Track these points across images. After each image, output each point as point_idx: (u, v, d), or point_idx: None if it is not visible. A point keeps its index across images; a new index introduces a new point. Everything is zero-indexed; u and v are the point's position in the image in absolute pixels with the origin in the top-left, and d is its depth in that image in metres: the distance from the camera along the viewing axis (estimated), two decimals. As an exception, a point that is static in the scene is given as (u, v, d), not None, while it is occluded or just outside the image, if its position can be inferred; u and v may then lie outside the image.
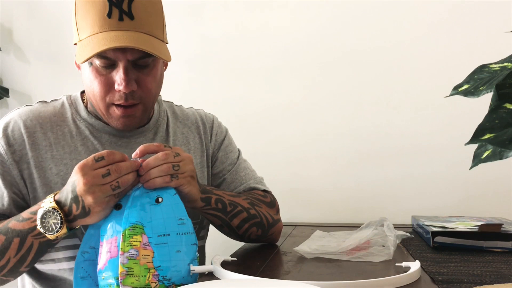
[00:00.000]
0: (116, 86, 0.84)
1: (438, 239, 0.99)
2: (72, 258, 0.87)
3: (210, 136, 1.07)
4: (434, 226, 1.05)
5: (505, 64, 0.55)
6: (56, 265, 0.89)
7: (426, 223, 1.09)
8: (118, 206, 0.73)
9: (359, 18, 1.53)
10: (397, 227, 1.04)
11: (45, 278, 0.91)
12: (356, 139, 1.54)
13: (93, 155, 0.72)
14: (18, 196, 0.88)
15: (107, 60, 0.83)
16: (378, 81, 1.52)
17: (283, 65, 1.58)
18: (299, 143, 1.57)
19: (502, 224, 1.00)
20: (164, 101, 1.07)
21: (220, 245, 1.45)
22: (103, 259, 0.71)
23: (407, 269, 0.79)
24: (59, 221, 0.73)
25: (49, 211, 0.73)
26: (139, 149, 0.76)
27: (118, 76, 0.83)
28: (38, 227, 0.73)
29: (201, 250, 1.06)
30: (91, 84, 0.86)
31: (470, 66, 0.63)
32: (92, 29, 0.81)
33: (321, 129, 1.56)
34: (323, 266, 0.85)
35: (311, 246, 0.94)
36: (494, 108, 0.48)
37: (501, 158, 0.49)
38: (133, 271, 0.66)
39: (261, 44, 1.59)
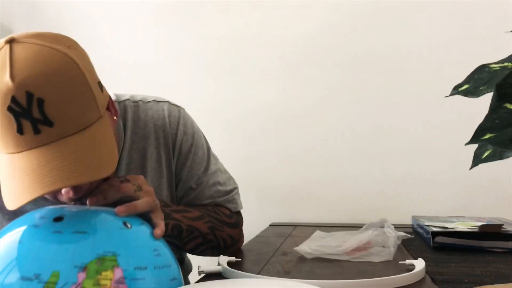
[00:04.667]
0: (63, 192, 0.64)
1: (438, 239, 0.99)
2: None
3: (173, 149, 0.89)
4: (434, 226, 1.05)
5: (505, 64, 0.55)
6: None
7: (426, 223, 1.09)
8: (57, 219, 0.56)
9: (359, 18, 1.53)
10: (397, 227, 1.04)
11: None
12: (356, 139, 1.53)
13: None
14: None
15: None
16: (378, 81, 1.52)
17: (283, 66, 1.58)
18: (299, 143, 1.57)
19: (502, 225, 1.00)
20: (119, 102, 0.87)
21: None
22: None
23: (410, 267, 0.79)
24: None
25: None
26: (91, 201, 0.63)
27: None
28: None
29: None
30: None
31: (470, 66, 0.63)
32: (6, 149, 0.60)
33: (321, 129, 1.56)
34: (323, 266, 0.85)
35: (311, 246, 0.94)
36: (494, 108, 0.48)
37: (501, 158, 0.49)
38: None
39: (261, 44, 1.59)
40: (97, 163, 0.59)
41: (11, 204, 0.56)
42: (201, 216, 0.87)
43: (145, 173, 0.86)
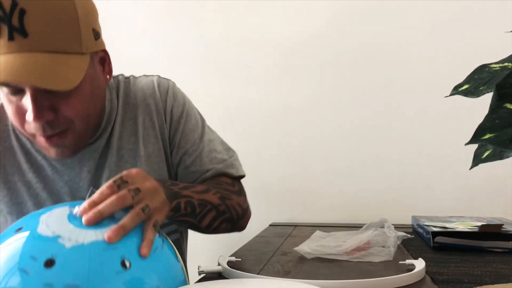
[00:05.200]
0: (26, 117, 0.69)
1: (438, 239, 0.99)
2: None
3: (164, 115, 0.90)
4: (434, 226, 1.05)
5: (505, 64, 0.55)
6: None
7: (426, 223, 1.09)
8: (49, 263, 0.51)
9: (359, 19, 1.53)
10: (397, 227, 1.04)
11: None
12: (357, 139, 1.54)
13: None
14: None
15: (12, 87, 0.69)
16: (378, 82, 1.52)
17: (283, 66, 1.58)
18: (299, 143, 1.57)
19: (503, 225, 1.00)
20: (113, 77, 0.91)
21: (218, 245, 1.45)
22: None
23: (410, 267, 0.79)
24: None
25: None
26: (88, 220, 0.55)
27: (27, 105, 0.69)
28: None
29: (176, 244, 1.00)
30: (7, 111, 0.74)
31: (470, 66, 0.63)
32: None
33: (321, 129, 1.56)
34: (323, 266, 0.85)
35: (311, 246, 0.94)
36: (494, 108, 0.48)
37: (501, 158, 0.49)
38: None
39: (261, 45, 1.59)
40: (53, 77, 0.65)
41: None
42: (208, 189, 0.85)
43: (137, 139, 0.88)
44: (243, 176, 0.99)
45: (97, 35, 0.75)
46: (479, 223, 1.05)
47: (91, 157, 0.84)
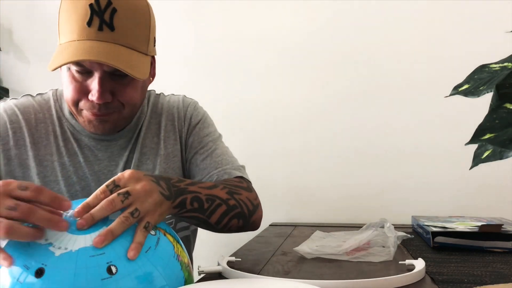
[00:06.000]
0: (90, 96, 0.82)
1: (438, 239, 0.99)
2: None
3: (184, 121, 1.02)
4: (434, 226, 1.05)
5: (505, 64, 0.55)
6: None
7: (426, 223, 1.09)
8: (39, 272, 0.52)
9: (359, 18, 1.53)
10: (397, 227, 1.04)
11: None
12: (356, 139, 1.54)
13: (20, 182, 0.57)
14: None
15: (83, 68, 0.81)
16: (378, 81, 1.52)
17: (283, 65, 1.58)
18: (299, 144, 1.57)
19: (502, 225, 1.00)
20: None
21: (218, 245, 1.45)
22: None
23: (410, 267, 0.79)
24: None
25: None
26: (81, 224, 0.57)
27: (93, 85, 0.81)
28: None
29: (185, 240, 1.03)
30: (66, 88, 0.85)
31: (470, 66, 0.63)
32: (71, 35, 0.79)
33: (321, 130, 1.56)
34: (323, 266, 0.85)
35: (311, 246, 0.94)
36: (494, 108, 0.48)
37: (501, 158, 0.49)
38: None
39: (261, 45, 1.59)
40: (131, 65, 0.79)
41: (55, 63, 0.77)
42: (216, 185, 0.86)
43: (159, 140, 0.98)
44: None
45: (155, 43, 0.90)
46: (479, 223, 1.05)
47: (120, 154, 0.95)
